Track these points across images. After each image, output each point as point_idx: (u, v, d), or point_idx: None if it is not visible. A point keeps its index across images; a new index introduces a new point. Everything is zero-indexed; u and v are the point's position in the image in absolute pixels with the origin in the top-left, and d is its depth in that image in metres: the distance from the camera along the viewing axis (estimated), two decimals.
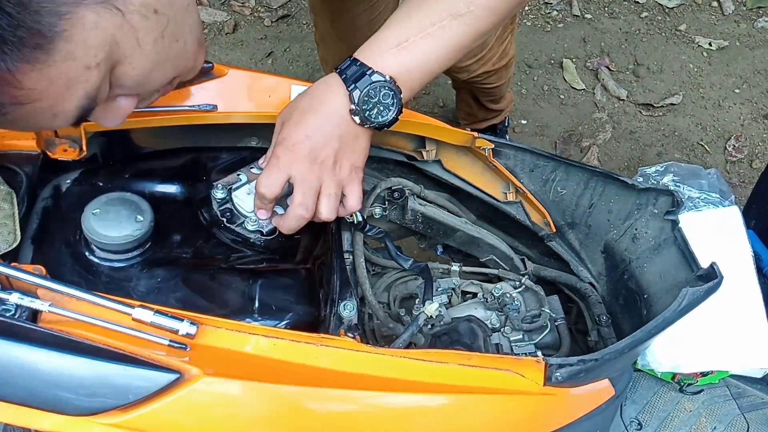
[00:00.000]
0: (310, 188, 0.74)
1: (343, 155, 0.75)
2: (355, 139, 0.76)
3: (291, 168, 0.73)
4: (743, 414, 0.99)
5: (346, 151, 0.75)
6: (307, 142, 0.73)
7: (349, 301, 0.79)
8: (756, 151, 2.25)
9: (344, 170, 0.76)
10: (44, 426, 0.60)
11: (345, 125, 0.74)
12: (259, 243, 0.79)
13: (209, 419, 0.63)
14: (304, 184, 0.74)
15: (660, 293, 0.89)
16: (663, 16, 2.58)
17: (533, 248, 1.09)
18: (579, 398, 0.77)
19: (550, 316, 0.96)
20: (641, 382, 0.99)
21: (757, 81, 2.42)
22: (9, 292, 0.62)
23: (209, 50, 2.34)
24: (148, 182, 0.80)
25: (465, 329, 0.86)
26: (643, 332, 0.74)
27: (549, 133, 2.26)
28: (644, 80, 2.40)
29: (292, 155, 0.73)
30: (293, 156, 0.73)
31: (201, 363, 0.62)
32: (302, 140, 0.73)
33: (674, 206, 0.90)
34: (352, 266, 0.88)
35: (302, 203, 0.74)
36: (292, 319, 0.74)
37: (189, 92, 0.84)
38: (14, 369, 0.59)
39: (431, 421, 0.70)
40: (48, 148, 0.79)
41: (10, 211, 0.71)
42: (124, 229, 0.71)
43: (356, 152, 0.77)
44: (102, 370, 0.60)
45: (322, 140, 0.73)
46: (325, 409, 0.67)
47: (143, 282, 0.72)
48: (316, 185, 0.74)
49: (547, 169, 0.96)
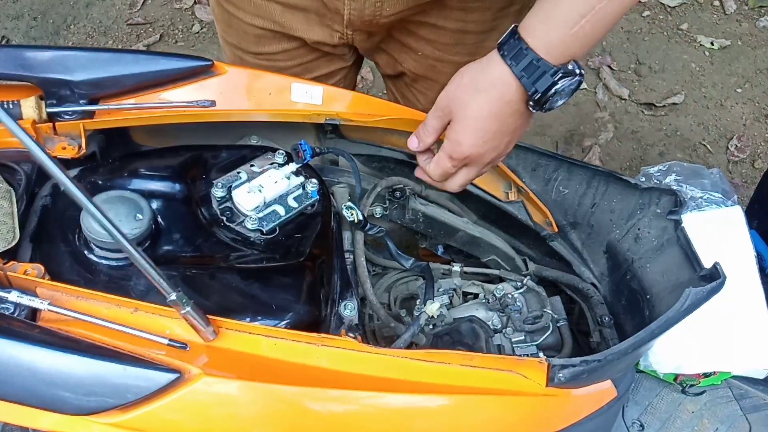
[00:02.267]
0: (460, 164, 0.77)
1: (507, 148, 0.78)
2: (522, 130, 0.77)
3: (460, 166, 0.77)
4: (745, 415, 0.98)
5: (511, 143, 0.78)
6: (482, 149, 0.75)
7: (349, 301, 0.78)
8: (758, 151, 2.24)
9: (490, 158, 0.77)
10: (43, 425, 0.60)
11: (521, 121, 0.75)
12: (259, 242, 0.78)
13: (209, 419, 0.63)
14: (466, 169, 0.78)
15: (663, 293, 0.88)
16: (665, 15, 2.58)
17: (535, 248, 1.09)
18: (581, 399, 0.76)
19: (552, 316, 0.96)
20: (643, 383, 0.98)
21: (760, 80, 2.41)
22: (8, 291, 0.62)
23: (209, 50, 2.33)
24: (148, 180, 0.80)
25: (467, 330, 0.86)
26: (646, 333, 0.74)
27: (550, 133, 2.26)
28: (646, 79, 2.40)
29: (468, 160, 0.76)
30: (469, 160, 0.76)
31: (201, 363, 0.62)
32: (480, 146, 0.74)
33: (677, 206, 0.89)
34: (353, 266, 0.88)
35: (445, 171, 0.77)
36: (293, 319, 0.73)
37: (189, 90, 0.84)
38: (13, 368, 0.58)
39: (433, 421, 0.70)
40: (47, 145, 0.79)
41: (9, 210, 0.71)
42: (123, 228, 0.70)
43: (513, 143, 0.79)
44: (101, 369, 0.59)
45: (498, 143, 0.75)
46: (326, 410, 0.66)
47: (142, 281, 0.71)
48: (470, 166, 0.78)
49: (549, 169, 0.96)
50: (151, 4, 2.51)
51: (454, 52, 1.02)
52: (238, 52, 1.08)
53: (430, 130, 0.79)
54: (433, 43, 1.00)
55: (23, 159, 0.77)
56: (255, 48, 1.03)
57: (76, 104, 0.79)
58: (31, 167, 0.77)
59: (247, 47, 1.05)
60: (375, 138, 0.97)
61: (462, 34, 0.99)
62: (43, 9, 2.47)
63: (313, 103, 0.87)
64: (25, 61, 0.78)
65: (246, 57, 1.06)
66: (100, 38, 2.40)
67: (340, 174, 0.99)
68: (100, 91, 0.80)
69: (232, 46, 1.08)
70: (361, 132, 0.96)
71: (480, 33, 1.00)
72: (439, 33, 0.99)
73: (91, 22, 2.45)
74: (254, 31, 1.01)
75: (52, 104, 0.78)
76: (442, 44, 1.01)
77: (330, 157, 1.00)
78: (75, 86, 0.79)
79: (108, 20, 2.45)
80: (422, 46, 1.02)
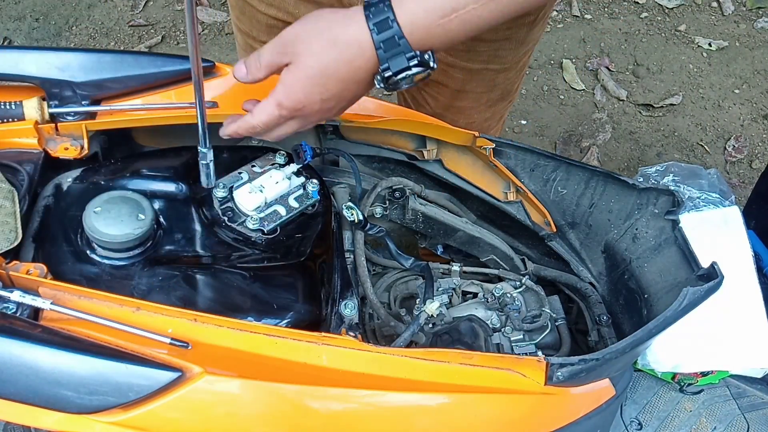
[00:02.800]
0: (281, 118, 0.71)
1: (338, 112, 0.73)
2: (357, 99, 0.73)
3: (288, 116, 0.71)
4: (743, 414, 0.99)
5: (343, 109, 0.73)
6: (316, 106, 0.70)
7: (350, 300, 0.79)
8: (756, 152, 2.25)
9: (317, 117, 0.73)
10: (45, 424, 0.60)
11: (362, 90, 0.71)
12: (260, 242, 0.79)
13: (211, 418, 0.63)
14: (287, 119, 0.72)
15: (660, 293, 0.89)
16: (663, 17, 2.58)
17: (533, 248, 1.09)
18: (580, 398, 0.77)
19: (550, 316, 0.96)
20: (641, 382, 0.99)
21: (757, 81, 2.42)
22: (10, 290, 0.62)
23: (209, 50, 2.34)
24: (150, 181, 0.80)
25: (466, 329, 0.86)
26: (644, 332, 0.74)
27: (549, 134, 2.26)
28: (644, 80, 2.40)
29: (298, 113, 0.70)
30: (299, 113, 0.70)
31: (203, 361, 0.62)
32: (316, 103, 0.69)
33: (675, 206, 0.90)
34: (353, 265, 0.89)
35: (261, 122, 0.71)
36: (294, 318, 0.74)
37: (190, 91, 0.84)
38: (15, 367, 0.59)
39: (432, 420, 0.70)
40: (49, 146, 0.79)
41: (12, 209, 0.71)
42: (126, 228, 0.71)
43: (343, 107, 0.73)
44: (103, 368, 0.60)
45: (333, 105, 0.70)
46: (327, 408, 0.67)
47: (144, 280, 0.72)
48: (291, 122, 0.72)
49: (547, 169, 0.96)
50: (152, 5, 2.51)
51: (466, 59, 1.03)
52: (249, 40, 1.07)
53: (263, 64, 0.70)
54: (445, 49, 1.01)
55: (25, 159, 0.77)
56: (266, 37, 1.02)
57: (78, 105, 0.80)
58: (33, 167, 0.77)
59: (258, 36, 1.05)
60: (375, 139, 0.97)
61: (475, 42, 0.99)
62: (45, 10, 2.47)
63: None
64: (28, 62, 0.79)
65: (257, 45, 1.05)
66: (102, 39, 2.40)
67: (340, 174, 1.00)
68: (102, 92, 0.81)
69: (244, 33, 1.08)
70: (362, 133, 0.96)
71: (493, 42, 1.01)
72: None
73: (93, 23, 2.45)
74: (267, 20, 1.00)
75: (55, 105, 0.79)
76: (455, 50, 1.01)
77: (330, 158, 1.00)
78: (77, 87, 0.79)
79: (110, 22, 2.46)
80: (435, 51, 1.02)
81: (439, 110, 1.14)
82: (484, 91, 1.11)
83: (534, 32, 1.04)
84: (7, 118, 0.78)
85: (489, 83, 1.10)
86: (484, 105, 1.15)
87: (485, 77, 1.08)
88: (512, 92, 1.18)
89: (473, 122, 1.18)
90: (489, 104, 1.15)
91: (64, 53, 0.80)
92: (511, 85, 1.15)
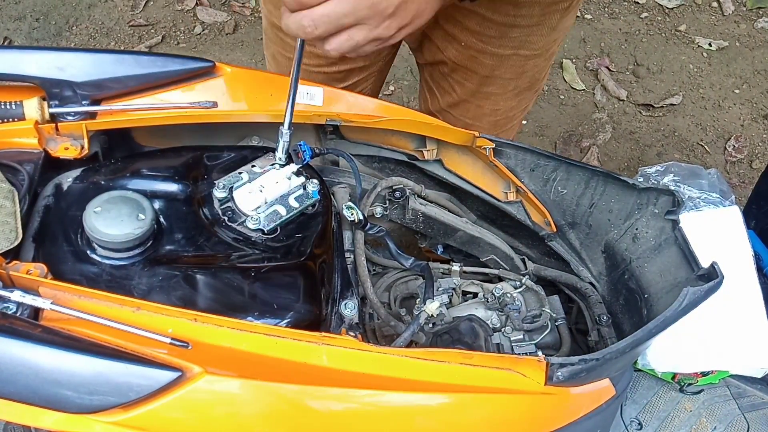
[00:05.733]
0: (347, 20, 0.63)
1: (405, 15, 0.66)
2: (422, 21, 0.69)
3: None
4: (743, 414, 0.99)
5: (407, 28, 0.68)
6: (387, 10, 0.64)
7: (350, 300, 0.79)
8: (756, 152, 2.25)
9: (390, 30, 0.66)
10: (45, 423, 0.60)
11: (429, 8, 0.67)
12: (260, 242, 0.79)
13: (211, 418, 0.63)
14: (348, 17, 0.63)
15: (660, 293, 0.89)
16: (663, 17, 2.58)
17: (534, 248, 1.09)
18: (580, 398, 0.77)
19: (550, 316, 0.96)
20: (641, 382, 0.99)
21: (757, 81, 2.42)
22: (11, 290, 0.62)
23: (210, 51, 2.34)
24: (150, 181, 0.80)
25: (466, 328, 0.86)
26: (644, 332, 0.74)
27: (549, 134, 2.27)
28: (644, 81, 2.40)
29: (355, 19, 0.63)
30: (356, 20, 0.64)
31: (203, 361, 0.62)
32: (385, 8, 0.63)
33: (675, 206, 0.90)
34: (353, 265, 0.89)
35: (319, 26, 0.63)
36: (294, 318, 0.74)
37: (190, 91, 0.84)
38: (15, 366, 0.59)
39: (432, 419, 0.70)
40: (49, 146, 0.79)
41: (12, 209, 0.71)
42: (126, 228, 0.71)
43: (418, 19, 0.68)
44: (103, 367, 0.60)
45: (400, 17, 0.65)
46: (327, 408, 0.67)
47: (145, 280, 0.72)
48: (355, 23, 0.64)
49: (547, 169, 0.96)
50: (153, 5, 2.51)
51: (497, 45, 1.03)
52: (281, 34, 1.10)
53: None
54: (477, 34, 1.01)
55: (25, 159, 0.77)
56: None
57: (79, 105, 0.80)
58: (34, 167, 0.77)
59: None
60: (375, 139, 0.97)
61: (508, 28, 1.00)
62: (46, 10, 2.48)
63: (313, 104, 0.88)
64: (28, 62, 0.79)
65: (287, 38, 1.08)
66: (102, 39, 2.40)
67: (340, 174, 1.00)
68: (102, 92, 0.81)
69: (275, 27, 1.09)
70: (362, 133, 0.97)
71: (526, 27, 1.01)
72: (485, 24, 0.99)
73: (94, 23, 2.45)
74: None
75: (55, 105, 0.79)
76: (487, 36, 1.02)
77: (330, 158, 1.00)
78: (77, 87, 0.79)
79: (110, 21, 2.46)
80: (466, 37, 1.02)
81: (466, 96, 1.15)
82: (512, 78, 1.12)
83: (566, 20, 1.05)
84: (8, 118, 0.78)
85: (518, 69, 1.10)
86: (511, 92, 1.15)
87: (515, 63, 1.08)
88: (539, 80, 1.18)
89: (498, 109, 1.17)
90: (516, 92, 1.16)
91: (65, 53, 0.80)
92: (539, 73, 1.15)
